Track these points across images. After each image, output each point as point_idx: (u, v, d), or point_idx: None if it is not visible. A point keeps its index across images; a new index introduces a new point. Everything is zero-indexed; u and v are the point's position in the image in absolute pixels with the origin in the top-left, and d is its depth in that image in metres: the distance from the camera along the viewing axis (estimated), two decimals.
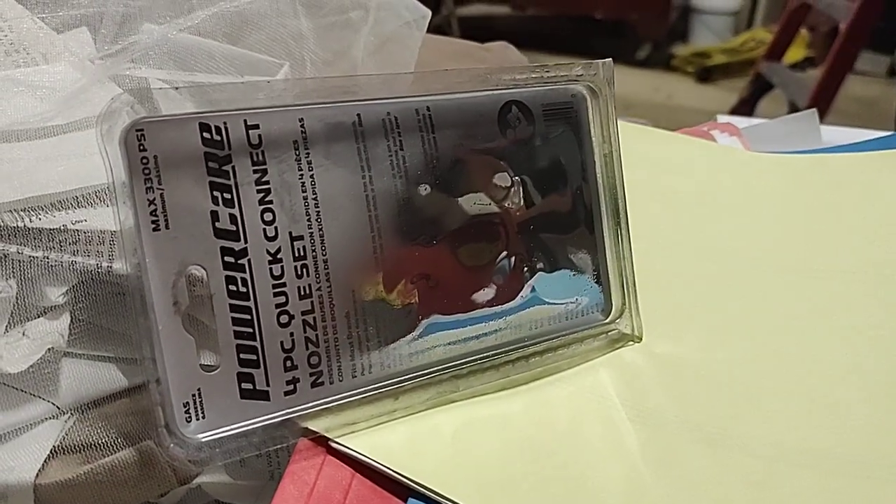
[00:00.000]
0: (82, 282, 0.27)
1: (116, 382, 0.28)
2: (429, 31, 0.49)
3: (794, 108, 2.18)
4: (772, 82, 2.29)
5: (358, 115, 0.29)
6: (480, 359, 0.31)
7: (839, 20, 2.06)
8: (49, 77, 0.32)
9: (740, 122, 0.53)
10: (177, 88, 0.25)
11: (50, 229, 0.27)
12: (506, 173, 0.32)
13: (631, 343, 0.35)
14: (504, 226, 0.32)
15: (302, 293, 0.28)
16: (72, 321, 0.27)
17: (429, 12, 0.46)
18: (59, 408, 0.26)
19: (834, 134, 0.55)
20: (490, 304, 0.32)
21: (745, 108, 2.45)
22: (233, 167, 0.26)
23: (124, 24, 0.38)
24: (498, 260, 0.32)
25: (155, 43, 0.35)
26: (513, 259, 0.33)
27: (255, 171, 0.27)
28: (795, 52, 2.53)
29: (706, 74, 2.77)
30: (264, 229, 0.27)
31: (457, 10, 2.90)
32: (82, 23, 0.38)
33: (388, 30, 0.44)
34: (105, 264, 0.27)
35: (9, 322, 0.26)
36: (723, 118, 0.55)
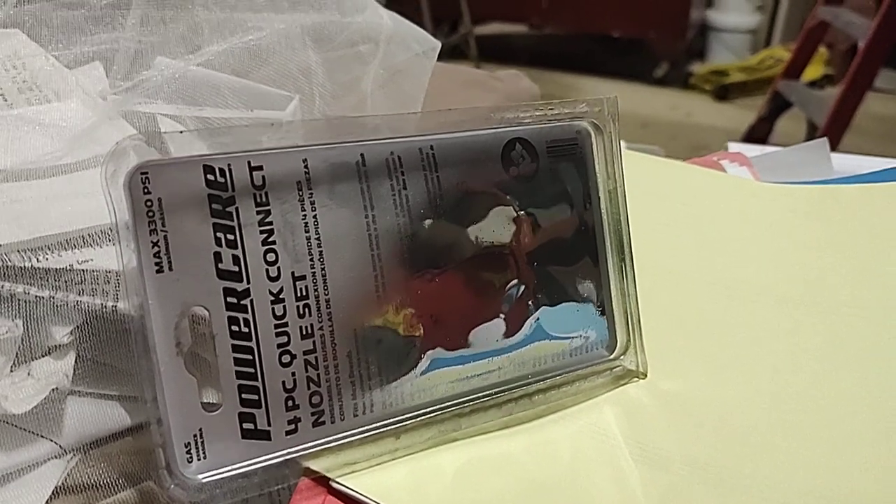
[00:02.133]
0: (87, 320, 0.28)
1: (119, 421, 0.28)
2: (446, 50, 0.49)
3: (812, 127, 2.16)
4: (790, 100, 2.28)
5: (361, 154, 0.29)
6: (483, 397, 0.31)
7: (858, 38, 2.05)
8: (59, 115, 0.33)
9: (751, 150, 0.53)
10: (181, 132, 0.26)
11: (56, 269, 0.27)
12: (511, 207, 0.32)
13: (636, 379, 0.34)
14: (513, 256, 0.32)
15: (304, 333, 0.28)
16: (76, 359, 0.28)
17: (438, 44, 0.46)
18: (62, 447, 0.27)
19: (846, 162, 0.55)
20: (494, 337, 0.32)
21: (763, 126, 2.44)
22: (236, 208, 0.27)
23: (136, 60, 0.39)
24: (507, 288, 0.32)
25: (165, 81, 0.36)
26: (520, 289, 0.32)
27: (258, 212, 0.27)
28: (814, 70, 2.52)
29: (724, 93, 2.76)
30: (267, 270, 0.27)
31: (474, 29, 2.92)
32: (96, 58, 0.39)
33: (398, 62, 0.45)
34: (110, 304, 0.28)
35: (14, 361, 0.26)
36: (733, 146, 0.55)
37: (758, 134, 2.42)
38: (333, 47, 0.42)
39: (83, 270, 0.28)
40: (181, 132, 0.26)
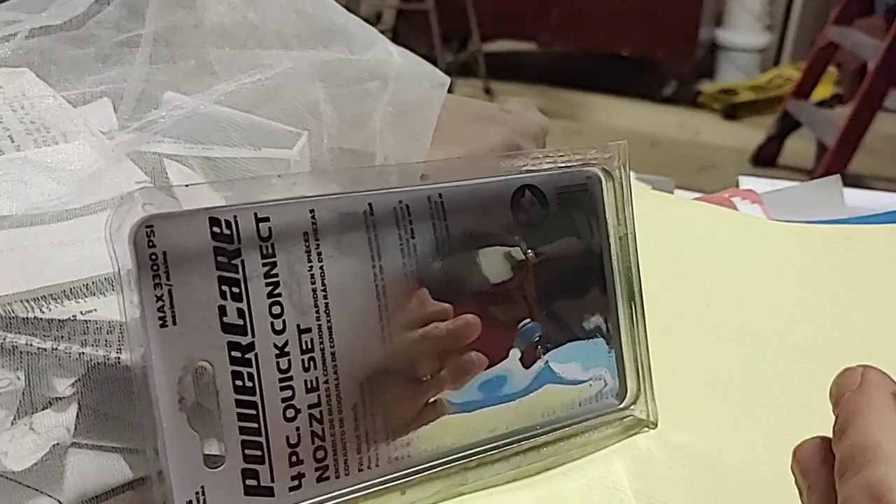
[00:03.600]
0: (90, 370, 0.27)
1: (120, 475, 0.27)
2: (455, 67, 0.49)
3: (822, 146, 2.16)
4: (799, 120, 2.28)
5: (369, 204, 0.29)
6: (490, 449, 0.31)
7: (867, 60, 2.05)
8: (67, 157, 0.32)
9: (762, 185, 0.52)
10: (187, 186, 0.25)
11: (60, 320, 0.27)
12: (518, 248, 0.32)
13: (646, 429, 0.34)
14: (524, 299, 0.32)
15: (309, 386, 0.27)
16: (79, 410, 0.27)
17: (448, 79, 0.46)
18: (61, 503, 0.26)
19: (859, 197, 0.54)
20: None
21: (772, 145, 2.43)
22: (242, 261, 0.26)
23: (144, 98, 0.39)
24: (519, 328, 0.32)
25: (174, 121, 0.36)
26: (531, 331, 0.32)
27: (264, 265, 0.27)
28: (823, 90, 2.52)
29: (733, 111, 2.76)
30: (272, 322, 0.27)
31: (483, 47, 2.93)
32: (104, 96, 0.39)
33: (408, 98, 0.44)
34: (113, 355, 0.27)
35: (15, 414, 0.26)
36: (745, 181, 0.54)
37: (767, 153, 2.41)
38: (341, 84, 0.42)
39: (87, 321, 0.27)
40: (186, 186, 0.25)
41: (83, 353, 0.27)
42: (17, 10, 0.41)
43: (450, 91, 0.49)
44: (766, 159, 2.40)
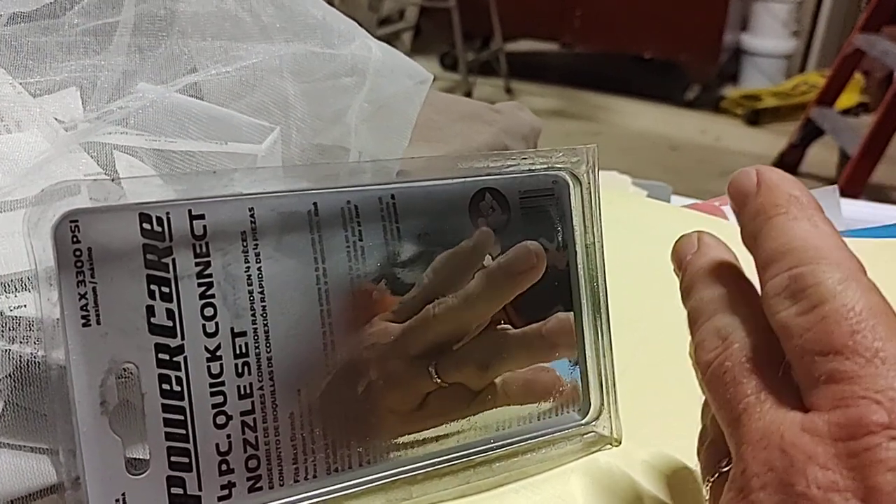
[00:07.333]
0: (18, 368, 0.26)
1: (44, 477, 0.26)
2: (476, 66, 0.48)
3: (844, 155, 2.12)
4: (822, 128, 2.24)
5: (314, 203, 0.27)
6: (438, 463, 0.29)
7: (894, 68, 2.00)
8: (15, 146, 0.32)
9: None
10: (112, 181, 0.24)
11: None
12: (488, 255, 0.31)
13: (609, 447, 0.32)
14: None
15: (242, 393, 0.26)
16: (4, 408, 0.26)
17: (430, 76, 0.45)
18: None
19: (860, 210, 0.52)
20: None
21: (794, 153, 2.39)
22: (173, 259, 0.25)
23: (112, 89, 0.38)
24: None
25: (135, 110, 0.35)
26: None
27: (197, 264, 0.25)
28: (849, 98, 2.47)
29: (755, 117, 2.72)
30: (204, 325, 0.26)
31: (505, 46, 2.91)
32: (72, 86, 0.38)
33: (386, 95, 0.43)
34: (41, 353, 0.26)
35: None
36: None
37: (788, 161, 2.38)
38: (315, 78, 0.41)
39: (16, 317, 0.26)
40: (112, 180, 0.24)
41: (10, 350, 0.26)
42: None
43: (469, 90, 0.47)
44: (787, 167, 2.36)
